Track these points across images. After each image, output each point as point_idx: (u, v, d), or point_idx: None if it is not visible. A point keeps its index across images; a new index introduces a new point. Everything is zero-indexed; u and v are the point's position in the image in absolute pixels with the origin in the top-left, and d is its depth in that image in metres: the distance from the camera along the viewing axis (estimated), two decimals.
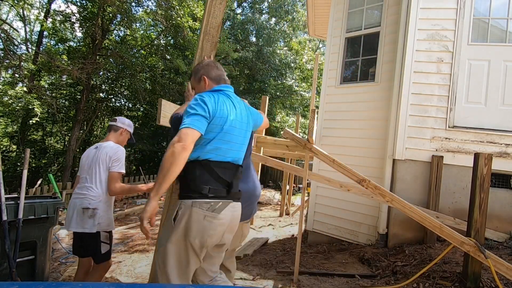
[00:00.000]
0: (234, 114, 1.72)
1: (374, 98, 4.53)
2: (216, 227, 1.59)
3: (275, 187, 15.06)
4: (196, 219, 1.55)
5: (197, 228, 1.55)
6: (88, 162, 2.64)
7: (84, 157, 2.72)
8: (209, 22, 2.26)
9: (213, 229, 1.58)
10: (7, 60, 9.39)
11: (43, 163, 12.82)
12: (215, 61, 2.00)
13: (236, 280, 3.37)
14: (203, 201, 1.57)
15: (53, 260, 4.48)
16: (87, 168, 2.62)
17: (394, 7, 4.43)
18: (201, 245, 1.57)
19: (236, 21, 15.51)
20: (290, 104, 16.53)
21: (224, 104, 1.69)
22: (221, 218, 1.59)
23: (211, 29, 2.27)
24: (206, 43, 2.27)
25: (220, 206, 1.59)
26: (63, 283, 1.36)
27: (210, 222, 1.56)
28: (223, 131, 1.65)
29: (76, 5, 11.22)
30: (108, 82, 13.51)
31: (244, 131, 1.79)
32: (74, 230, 2.54)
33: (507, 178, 3.77)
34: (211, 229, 1.57)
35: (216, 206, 1.58)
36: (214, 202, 1.58)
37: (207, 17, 2.26)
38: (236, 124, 1.73)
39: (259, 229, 6.99)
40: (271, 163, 4.16)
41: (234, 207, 1.69)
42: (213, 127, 1.62)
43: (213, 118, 1.62)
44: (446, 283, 2.77)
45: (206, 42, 2.27)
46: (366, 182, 2.95)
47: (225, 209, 1.61)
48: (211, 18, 2.26)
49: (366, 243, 4.32)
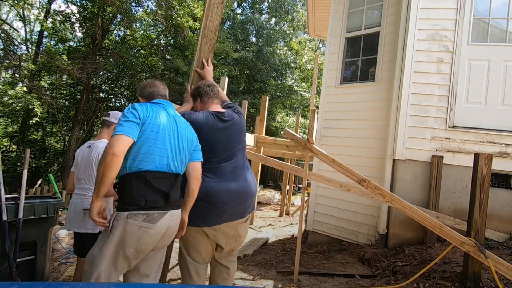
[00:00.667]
0: (168, 124, 1.75)
1: (374, 98, 4.53)
2: (151, 236, 1.63)
3: (275, 187, 15.06)
4: (131, 230, 1.58)
5: (132, 238, 1.59)
6: (83, 162, 2.63)
7: (79, 156, 2.69)
8: (207, 26, 2.35)
9: (148, 238, 1.62)
10: (7, 60, 9.39)
11: (43, 163, 12.82)
12: (154, 80, 2.05)
13: (236, 280, 3.37)
14: (139, 212, 1.60)
15: (53, 260, 4.48)
16: (84, 169, 2.61)
17: (394, 7, 4.43)
18: (136, 253, 1.63)
19: (236, 21, 15.51)
20: (290, 104, 16.54)
21: (157, 113, 1.73)
22: (157, 228, 1.63)
23: (209, 32, 2.37)
24: (204, 45, 2.36)
25: (156, 217, 1.63)
26: (63, 283, 1.36)
27: (145, 232, 1.60)
28: (156, 138, 1.67)
29: (76, 5, 11.23)
30: (108, 82, 13.52)
31: (181, 142, 1.79)
32: (75, 231, 2.54)
33: (507, 178, 3.77)
34: (146, 238, 1.61)
35: (152, 217, 1.62)
36: (151, 214, 1.62)
37: (205, 21, 2.35)
38: (171, 133, 1.75)
39: (259, 229, 7.00)
40: (271, 163, 4.16)
41: (173, 215, 1.72)
42: (145, 133, 1.65)
43: (144, 124, 1.65)
44: (446, 283, 2.77)
45: (204, 44, 2.36)
46: (366, 182, 2.95)
47: (162, 219, 1.65)
48: (209, 22, 2.35)
49: (366, 243, 4.32)
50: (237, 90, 14.67)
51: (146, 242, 1.63)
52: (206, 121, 1.96)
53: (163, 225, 1.66)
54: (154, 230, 1.62)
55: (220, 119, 2.03)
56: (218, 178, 1.95)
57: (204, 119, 1.96)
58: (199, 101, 2.13)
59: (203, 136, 1.93)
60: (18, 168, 10.96)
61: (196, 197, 1.85)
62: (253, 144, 6.74)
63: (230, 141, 2.06)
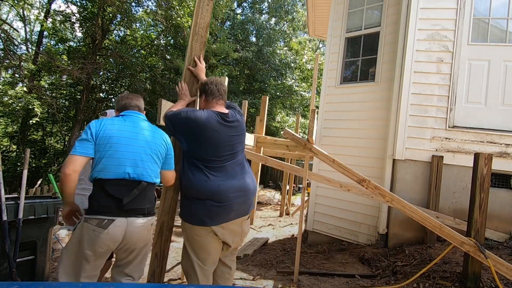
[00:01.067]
0: (128, 133, 1.84)
1: (374, 98, 4.53)
2: (103, 240, 1.71)
3: (275, 187, 15.06)
4: (86, 233, 1.72)
5: (88, 240, 1.72)
6: None
7: None
8: (197, 23, 2.37)
9: (101, 242, 1.71)
10: (7, 60, 9.39)
11: (43, 163, 12.82)
12: (129, 93, 2.18)
13: (236, 280, 3.37)
14: (93, 217, 1.73)
15: (53, 260, 4.47)
16: (83, 170, 2.60)
17: (394, 7, 4.43)
18: (93, 254, 1.73)
19: (236, 21, 15.51)
20: (290, 104, 16.54)
21: (113, 125, 1.83)
22: (109, 233, 1.71)
23: (200, 30, 2.37)
24: (195, 43, 2.37)
25: (106, 223, 1.71)
26: (63, 283, 1.36)
27: (97, 237, 1.71)
28: (111, 149, 1.77)
29: (76, 5, 11.23)
30: (108, 82, 13.52)
31: (144, 149, 1.86)
32: None
33: (507, 178, 3.77)
34: (99, 241, 1.71)
35: (102, 223, 1.71)
36: (101, 219, 1.72)
37: (195, 18, 2.37)
38: (131, 142, 1.83)
39: (259, 229, 7.00)
40: (271, 163, 4.16)
41: (133, 222, 1.78)
42: (100, 146, 1.77)
43: (97, 138, 1.77)
44: (446, 283, 2.77)
45: (196, 42, 2.37)
46: (366, 182, 2.95)
47: (113, 225, 1.72)
48: (199, 19, 2.37)
49: (366, 243, 4.32)
50: (237, 90, 14.66)
51: (101, 246, 1.71)
52: (209, 121, 1.94)
53: (117, 231, 1.73)
54: (106, 235, 1.70)
55: (224, 119, 2.02)
56: (224, 177, 1.95)
57: (207, 118, 1.94)
58: (203, 98, 2.12)
59: (207, 136, 1.93)
60: (18, 168, 10.96)
61: (203, 196, 1.88)
62: (253, 144, 6.73)
63: (233, 141, 2.06)
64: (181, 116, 1.94)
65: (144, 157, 1.84)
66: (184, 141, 1.96)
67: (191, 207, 1.92)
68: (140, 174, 1.81)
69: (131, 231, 1.77)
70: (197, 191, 1.90)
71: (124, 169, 1.76)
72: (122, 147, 1.79)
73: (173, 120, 1.97)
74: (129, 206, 1.76)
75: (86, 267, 1.73)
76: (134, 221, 1.78)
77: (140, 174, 1.80)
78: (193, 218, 1.91)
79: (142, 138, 1.87)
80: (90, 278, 1.76)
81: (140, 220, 1.81)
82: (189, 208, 1.93)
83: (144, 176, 1.82)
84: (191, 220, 1.92)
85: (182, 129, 1.95)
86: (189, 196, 1.95)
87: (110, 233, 1.71)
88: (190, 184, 1.91)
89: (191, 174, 1.92)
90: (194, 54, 2.36)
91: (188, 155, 1.97)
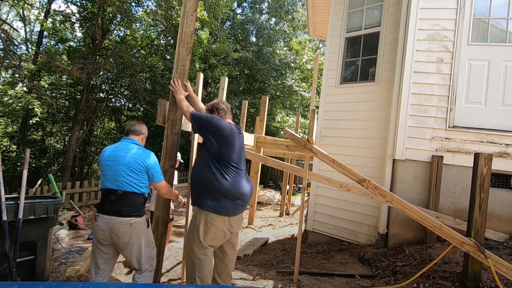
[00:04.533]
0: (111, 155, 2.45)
1: (374, 98, 4.53)
2: (97, 231, 2.39)
3: (275, 187, 15.06)
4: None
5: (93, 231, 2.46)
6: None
7: None
8: (183, 32, 2.69)
9: (96, 232, 2.40)
10: (7, 60, 9.38)
11: (43, 163, 12.81)
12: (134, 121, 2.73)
13: (236, 280, 3.37)
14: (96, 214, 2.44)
15: (53, 260, 4.48)
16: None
17: (394, 7, 4.43)
18: (98, 242, 2.43)
19: (236, 21, 15.49)
20: (290, 104, 16.52)
21: (105, 152, 2.50)
22: (98, 225, 2.37)
23: (185, 37, 2.69)
24: (182, 49, 2.69)
25: (96, 217, 2.40)
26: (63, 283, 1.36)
27: (93, 228, 2.44)
28: (102, 169, 2.49)
29: (76, 5, 11.21)
30: (108, 82, 13.50)
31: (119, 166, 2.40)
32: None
33: (507, 178, 3.77)
34: (95, 231, 2.42)
35: (96, 218, 2.41)
36: (96, 215, 2.42)
37: (181, 27, 2.70)
38: (112, 162, 2.42)
39: (259, 229, 7.00)
40: (271, 163, 4.16)
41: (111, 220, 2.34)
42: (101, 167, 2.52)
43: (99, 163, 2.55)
44: (446, 283, 2.77)
45: (182, 48, 2.69)
46: (366, 182, 2.95)
47: (99, 219, 2.37)
48: (185, 28, 2.69)
49: (366, 243, 4.32)
50: (237, 90, 14.66)
51: (96, 235, 2.40)
52: (232, 129, 2.37)
53: (102, 224, 2.35)
54: (97, 226, 2.38)
55: (239, 130, 2.48)
56: (244, 181, 2.41)
57: (231, 128, 2.37)
58: (215, 113, 2.53)
59: (233, 142, 2.35)
60: (18, 168, 10.94)
61: (232, 196, 2.31)
62: (253, 144, 6.73)
63: (243, 150, 2.52)
64: (213, 123, 2.32)
65: (123, 173, 2.38)
66: (216, 143, 2.31)
67: (222, 202, 2.29)
68: (119, 186, 2.38)
69: (112, 227, 2.34)
70: (227, 191, 2.28)
71: (105, 183, 2.42)
72: (106, 166, 2.44)
73: (205, 124, 2.34)
74: (108, 207, 2.36)
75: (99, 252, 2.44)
76: (114, 219, 2.34)
77: (118, 186, 2.38)
78: (222, 210, 2.29)
79: (121, 160, 2.41)
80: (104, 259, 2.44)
81: (118, 219, 2.34)
82: (219, 202, 2.29)
83: (121, 187, 2.37)
84: (219, 212, 2.29)
85: (213, 132, 2.32)
86: (217, 193, 2.28)
87: (98, 224, 2.37)
88: (220, 183, 2.27)
89: (221, 175, 2.28)
90: (181, 58, 2.69)
91: (219, 156, 2.30)
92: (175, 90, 2.65)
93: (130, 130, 2.60)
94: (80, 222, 6.54)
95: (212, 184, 2.28)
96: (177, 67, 2.71)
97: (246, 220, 7.61)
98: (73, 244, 5.50)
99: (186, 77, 2.74)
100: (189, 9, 2.68)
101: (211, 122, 2.31)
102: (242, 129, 2.62)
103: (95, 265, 2.43)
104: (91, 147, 14.03)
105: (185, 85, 2.75)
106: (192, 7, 2.70)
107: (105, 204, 2.37)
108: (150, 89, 14.05)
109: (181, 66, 2.71)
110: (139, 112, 15.37)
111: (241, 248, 5.16)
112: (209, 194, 2.29)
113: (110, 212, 2.35)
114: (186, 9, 2.68)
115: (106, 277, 2.45)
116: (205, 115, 2.38)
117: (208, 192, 2.29)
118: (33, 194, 7.04)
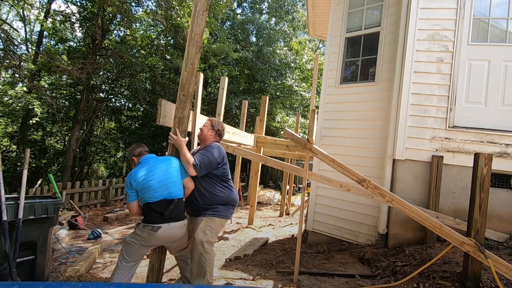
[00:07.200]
0: (152, 170, 2.56)
1: (374, 98, 4.53)
2: (157, 238, 2.58)
3: (275, 187, 15.06)
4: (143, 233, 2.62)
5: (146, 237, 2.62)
6: None
7: None
8: (193, 30, 2.70)
9: (155, 239, 2.59)
10: (7, 60, 9.38)
11: (43, 163, 12.82)
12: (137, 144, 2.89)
13: (236, 280, 3.37)
14: (147, 224, 2.57)
15: (53, 260, 4.48)
16: None
17: (394, 7, 4.43)
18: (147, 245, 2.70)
19: (236, 21, 15.49)
20: (290, 104, 16.52)
21: (143, 169, 2.58)
22: (159, 234, 2.53)
23: (195, 36, 2.71)
24: (191, 47, 2.70)
25: (155, 228, 2.51)
26: (63, 283, 1.36)
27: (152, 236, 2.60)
28: (146, 186, 2.54)
29: (76, 5, 11.22)
30: (108, 82, 13.50)
31: (166, 175, 2.57)
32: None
33: (507, 178, 3.77)
34: (153, 239, 2.62)
35: (153, 228, 2.52)
36: (153, 226, 2.52)
37: (191, 26, 2.71)
38: (158, 175, 2.55)
39: (259, 229, 7.00)
40: (271, 163, 4.16)
41: (170, 226, 2.55)
42: (141, 190, 2.55)
43: (138, 186, 2.54)
44: (446, 283, 2.77)
45: (192, 46, 2.70)
46: (366, 182, 2.95)
47: (162, 229, 2.51)
48: (195, 27, 2.69)
49: (366, 243, 4.32)
50: (237, 90, 14.66)
51: (153, 243, 2.62)
52: (221, 150, 2.86)
53: (163, 232, 2.51)
54: (156, 235, 2.52)
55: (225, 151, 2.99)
56: (234, 191, 2.96)
57: (223, 152, 2.88)
58: (215, 133, 2.94)
59: (226, 162, 2.88)
60: (18, 168, 10.95)
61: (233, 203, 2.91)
62: (253, 144, 6.73)
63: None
64: (213, 162, 2.72)
65: (168, 180, 2.55)
66: (222, 168, 2.81)
67: (228, 209, 2.86)
68: (172, 193, 2.55)
69: (176, 233, 2.60)
70: (231, 200, 2.87)
71: (158, 195, 2.52)
72: (153, 181, 2.52)
73: (209, 168, 2.72)
74: (169, 215, 2.52)
75: (141, 255, 2.66)
76: (173, 225, 2.55)
77: (172, 193, 2.55)
78: (228, 214, 2.88)
79: (160, 169, 2.58)
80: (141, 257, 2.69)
81: (177, 224, 2.59)
82: (226, 210, 2.85)
83: (174, 194, 2.57)
84: (226, 216, 2.86)
85: (219, 165, 2.79)
86: (224, 203, 2.82)
87: (159, 233, 2.51)
88: (228, 195, 2.83)
89: (228, 190, 2.85)
90: (190, 57, 2.69)
91: (223, 176, 2.84)
92: (177, 140, 2.68)
93: (145, 151, 2.79)
94: (80, 222, 6.54)
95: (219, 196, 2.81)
96: (186, 65, 2.72)
97: (246, 220, 7.62)
98: (73, 244, 5.51)
99: (194, 75, 2.75)
100: (199, 8, 2.69)
101: (213, 163, 2.71)
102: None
103: (137, 261, 2.67)
104: (91, 147, 14.03)
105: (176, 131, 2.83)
106: (203, 6, 2.70)
107: (164, 212, 2.53)
108: (150, 89, 14.05)
109: (190, 64, 2.72)
110: (139, 112, 15.38)
111: (241, 248, 5.16)
112: (221, 203, 2.81)
113: (169, 219, 2.56)
114: (197, 9, 2.69)
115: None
116: (205, 161, 2.65)
117: (221, 202, 2.81)
118: (33, 194, 7.04)
